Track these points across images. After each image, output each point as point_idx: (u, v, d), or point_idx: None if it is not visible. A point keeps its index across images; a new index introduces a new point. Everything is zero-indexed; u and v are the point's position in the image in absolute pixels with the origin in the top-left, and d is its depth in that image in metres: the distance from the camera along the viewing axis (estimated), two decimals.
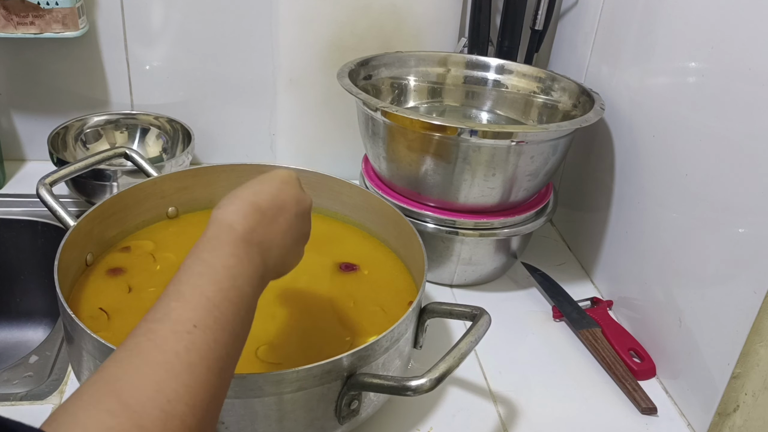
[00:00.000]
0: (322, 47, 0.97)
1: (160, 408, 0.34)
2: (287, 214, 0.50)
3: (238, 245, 0.45)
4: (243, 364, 0.61)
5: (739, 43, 0.62)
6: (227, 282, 0.42)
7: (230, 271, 0.43)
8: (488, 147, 0.74)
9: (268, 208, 0.48)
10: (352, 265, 0.76)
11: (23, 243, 0.91)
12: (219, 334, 0.39)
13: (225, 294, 0.41)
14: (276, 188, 0.50)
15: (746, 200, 0.61)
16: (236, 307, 0.41)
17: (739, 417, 0.63)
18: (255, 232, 0.46)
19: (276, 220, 0.48)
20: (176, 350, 0.37)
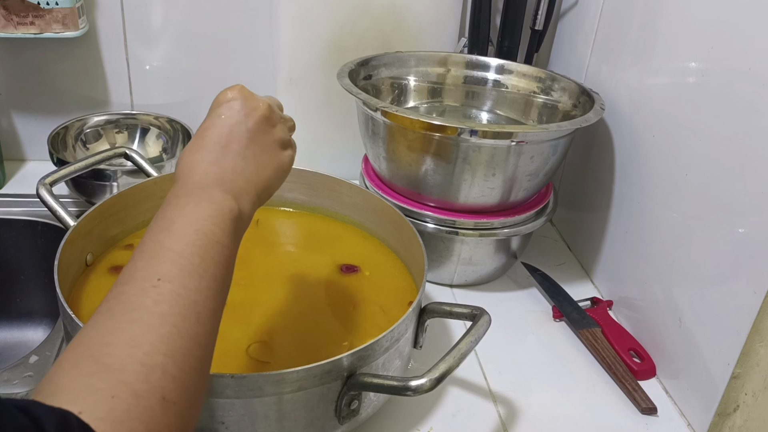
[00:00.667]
0: (322, 47, 0.97)
1: (140, 362, 0.34)
2: (238, 135, 0.48)
3: (193, 192, 0.45)
4: (231, 360, 0.62)
5: (739, 43, 0.62)
6: (187, 228, 0.42)
7: (188, 217, 0.43)
8: (488, 147, 0.74)
9: (215, 142, 0.47)
10: (353, 267, 0.76)
11: (23, 243, 0.91)
12: (188, 280, 0.39)
13: (186, 240, 0.41)
14: (218, 117, 0.49)
15: (746, 200, 0.61)
16: (203, 250, 0.41)
17: (739, 417, 0.63)
18: (209, 174, 0.46)
19: (229, 149, 0.47)
20: (145, 305, 0.37)
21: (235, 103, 0.49)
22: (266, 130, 0.50)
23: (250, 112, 0.49)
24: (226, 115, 0.49)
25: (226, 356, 0.62)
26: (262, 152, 0.49)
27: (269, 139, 0.50)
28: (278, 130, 0.52)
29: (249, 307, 0.69)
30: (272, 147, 0.51)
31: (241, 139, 0.48)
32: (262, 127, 0.50)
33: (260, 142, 0.49)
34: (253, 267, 0.76)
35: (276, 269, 0.77)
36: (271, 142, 0.51)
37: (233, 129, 0.48)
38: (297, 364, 0.53)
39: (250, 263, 0.77)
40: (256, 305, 0.70)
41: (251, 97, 0.51)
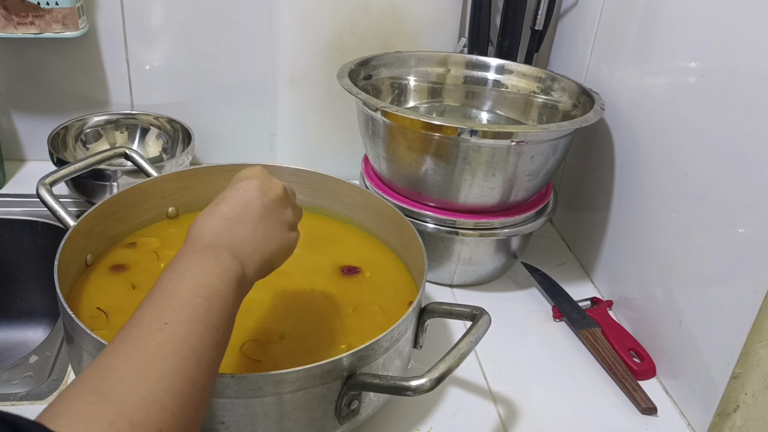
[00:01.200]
0: (322, 47, 0.97)
1: (140, 395, 0.36)
2: (253, 209, 0.52)
3: (204, 252, 0.47)
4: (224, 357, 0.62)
5: (739, 43, 0.62)
6: (197, 281, 0.44)
7: (198, 271, 0.45)
8: (488, 147, 0.74)
9: (231, 211, 0.51)
10: (354, 268, 0.76)
11: (23, 243, 0.91)
12: (192, 327, 0.41)
13: (195, 291, 0.43)
14: (237, 190, 0.53)
15: (746, 200, 0.61)
16: (208, 302, 0.43)
17: (739, 417, 0.63)
18: (221, 238, 0.49)
19: (243, 220, 0.51)
20: (149, 346, 0.39)
21: (255, 181, 0.53)
22: (279, 209, 0.54)
23: (267, 191, 0.53)
24: (244, 189, 0.52)
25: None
26: (272, 228, 0.53)
27: (280, 218, 0.54)
28: (289, 212, 0.55)
29: (248, 306, 0.69)
30: (282, 226, 0.54)
31: (255, 212, 0.52)
32: (276, 206, 0.54)
33: (271, 219, 0.53)
34: None
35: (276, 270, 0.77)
36: (282, 221, 0.54)
37: (249, 202, 0.52)
38: (291, 364, 0.53)
39: None
40: (255, 305, 0.70)
41: (269, 179, 0.55)
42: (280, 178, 0.82)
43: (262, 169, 0.55)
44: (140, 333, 0.40)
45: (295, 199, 0.58)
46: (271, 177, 0.55)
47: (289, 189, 0.57)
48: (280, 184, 0.55)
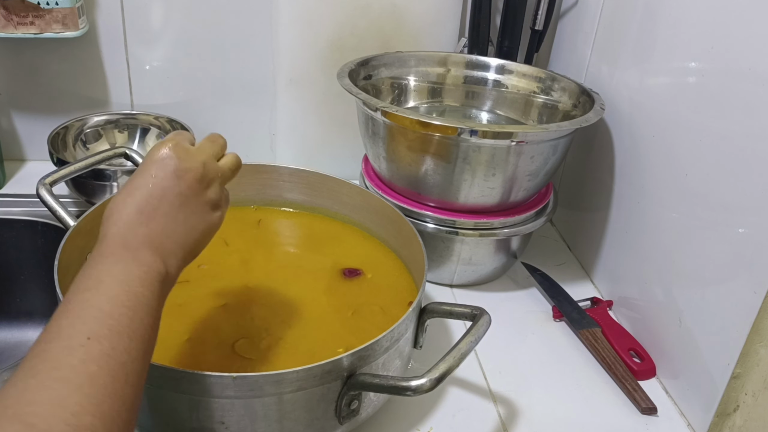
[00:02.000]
0: (322, 47, 0.97)
1: (65, 422, 0.33)
2: (171, 197, 0.48)
3: (121, 253, 0.44)
4: (217, 354, 0.62)
5: (739, 43, 0.62)
6: (117, 289, 0.42)
7: (117, 277, 0.42)
8: (488, 147, 0.74)
9: (146, 203, 0.47)
10: (355, 270, 0.76)
11: (23, 243, 0.91)
12: (117, 340, 0.39)
13: (116, 300, 0.41)
14: (150, 176, 0.48)
15: (746, 200, 0.61)
16: (132, 311, 0.41)
17: (739, 417, 0.63)
18: (136, 235, 0.45)
19: (159, 211, 0.47)
20: (72, 364, 0.36)
21: (170, 162, 0.48)
22: (199, 192, 0.50)
23: (183, 174, 0.49)
24: (158, 175, 0.48)
25: (214, 349, 0.63)
26: (193, 214, 0.49)
27: (201, 200, 0.50)
28: (211, 191, 0.51)
29: (247, 306, 0.70)
30: (203, 209, 0.50)
31: (173, 201, 0.48)
32: (195, 189, 0.49)
33: (191, 204, 0.49)
34: (253, 267, 0.76)
35: (276, 270, 0.77)
36: (203, 203, 0.50)
37: (165, 191, 0.48)
38: (284, 364, 0.53)
39: (251, 263, 0.77)
40: (255, 304, 0.70)
41: (186, 157, 0.49)
42: (280, 178, 0.84)
43: (176, 145, 0.49)
44: (61, 349, 0.37)
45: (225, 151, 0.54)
46: (187, 153, 0.50)
47: (211, 155, 0.52)
48: (197, 161, 0.50)
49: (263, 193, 0.85)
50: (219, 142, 0.55)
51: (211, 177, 0.51)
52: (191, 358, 0.62)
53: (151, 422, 0.56)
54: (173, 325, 0.65)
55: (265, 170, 0.84)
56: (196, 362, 0.61)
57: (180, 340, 0.63)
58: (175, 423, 0.55)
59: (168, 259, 0.46)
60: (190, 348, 0.63)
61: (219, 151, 0.54)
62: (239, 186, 0.84)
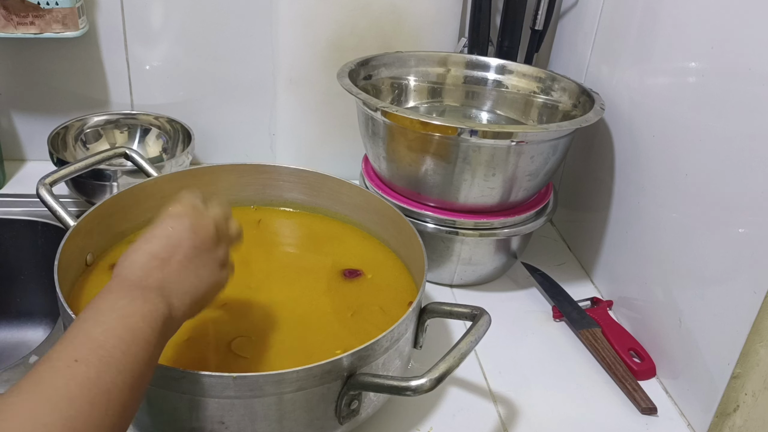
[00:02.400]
0: (322, 47, 0.97)
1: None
2: (185, 249, 0.50)
3: (131, 290, 0.45)
4: (211, 351, 0.62)
5: (739, 43, 0.62)
6: (115, 322, 0.42)
7: (119, 312, 0.43)
8: (488, 147, 0.74)
9: (162, 251, 0.49)
10: (356, 271, 0.76)
11: (23, 243, 0.91)
12: (104, 370, 0.39)
13: (112, 332, 0.41)
14: (167, 228, 0.51)
15: (746, 200, 0.61)
16: (126, 345, 0.41)
17: (739, 417, 0.63)
18: (150, 278, 0.47)
19: (174, 260, 0.49)
20: (55, 385, 0.37)
21: (186, 220, 0.52)
22: (210, 249, 0.53)
23: (198, 230, 0.52)
24: (175, 228, 0.51)
25: (214, 349, 0.63)
26: (204, 268, 0.51)
27: (212, 256, 0.53)
28: (221, 251, 0.54)
29: (246, 305, 0.70)
30: (213, 264, 0.53)
31: (187, 253, 0.50)
32: (208, 245, 0.52)
33: (203, 258, 0.52)
34: (253, 267, 0.76)
35: (276, 270, 0.77)
36: (213, 259, 0.53)
37: (181, 242, 0.50)
38: (279, 364, 0.53)
39: (251, 263, 0.77)
40: (254, 304, 0.70)
41: (201, 216, 0.53)
42: (280, 178, 0.84)
43: (194, 206, 0.53)
44: (47, 369, 0.38)
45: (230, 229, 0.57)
46: (203, 213, 0.54)
47: (223, 218, 0.56)
48: (211, 221, 0.54)
49: (263, 193, 0.85)
50: (226, 207, 0.58)
51: (221, 237, 0.54)
52: (191, 357, 0.62)
53: (151, 422, 0.56)
54: None
55: (265, 170, 0.84)
56: (195, 362, 0.61)
57: (180, 340, 0.63)
58: (175, 423, 0.55)
59: (174, 304, 0.47)
60: (189, 348, 0.63)
61: (227, 214, 0.58)
62: (239, 186, 0.84)
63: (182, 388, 0.52)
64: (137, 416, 0.55)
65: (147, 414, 0.55)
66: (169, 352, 0.62)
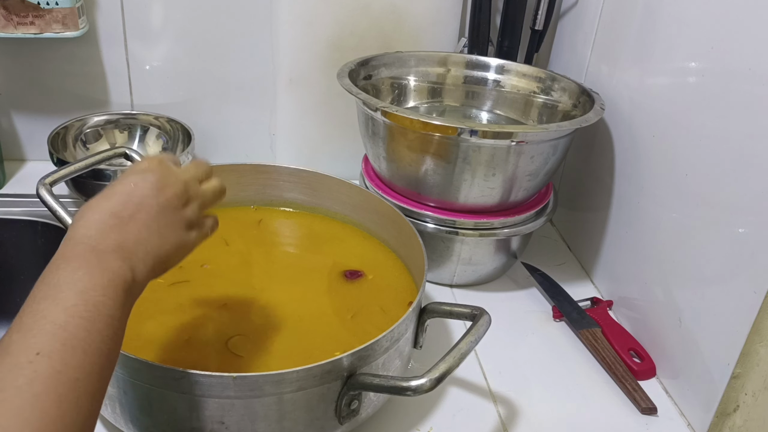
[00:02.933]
0: (322, 47, 0.97)
1: None
2: (147, 207, 0.47)
3: (87, 257, 0.42)
4: (209, 349, 0.62)
5: (739, 43, 0.62)
6: (75, 298, 0.39)
7: (77, 285, 0.40)
8: (488, 147, 0.74)
9: (123, 208, 0.46)
10: (357, 272, 0.76)
11: (23, 243, 0.91)
12: (69, 356, 0.36)
13: (72, 311, 0.38)
14: (131, 184, 0.47)
15: (746, 200, 0.61)
16: (89, 323, 0.38)
17: (739, 417, 0.63)
18: (108, 238, 0.44)
19: (135, 218, 0.46)
20: (17, 385, 0.34)
21: (150, 176, 0.48)
22: (177, 206, 0.49)
23: (163, 187, 0.48)
24: (138, 185, 0.48)
25: (214, 349, 0.63)
26: (167, 227, 0.48)
27: (177, 216, 0.49)
28: (188, 210, 0.51)
29: (247, 305, 0.70)
30: (179, 224, 0.50)
31: (150, 211, 0.47)
32: (173, 203, 0.49)
33: (167, 217, 0.48)
34: (253, 267, 0.77)
35: (276, 270, 0.77)
36: (179, 220, 0.50)
37: (143, 200, 0.47)
38: (278, 364, 0.53)
39: (251, 263, 0.77)
40: (254, 304, 0.70)
41: (168, 173, 0.50)
42: (280, 178, 0.84)
43: (161, 161, 0.50)
44: (8, 368, 0.35)
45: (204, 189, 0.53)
46: (172, 171, 0.50)
47: (193, 178, 0.52)
48: (180, 179, 0.50)
49: (263, 193, 0.85)
50: (203, 167, 0.55)
51: (190, 195, 0.51)
52: (189, 357, 0.62)
53: (151, 422, 0.56)
54: (173, 325, 0.65)
55: (265, 170, 0.84)
56: (193, 361, 0.61)
57: (180, 340, 0.64)
58: (175, 423, 0.55)
59: (137, 266, 0.44)
60: (189, 348, 0.63)
61: (202, 175, 0.54)
62: (239, 186, 0.84)
63: (182, 388, 0.52)
64: (137, 416, 0.55)
65: (147, 414, 0.55)
66: (170, 353, 0.62)
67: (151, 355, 0.61)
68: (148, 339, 0.63)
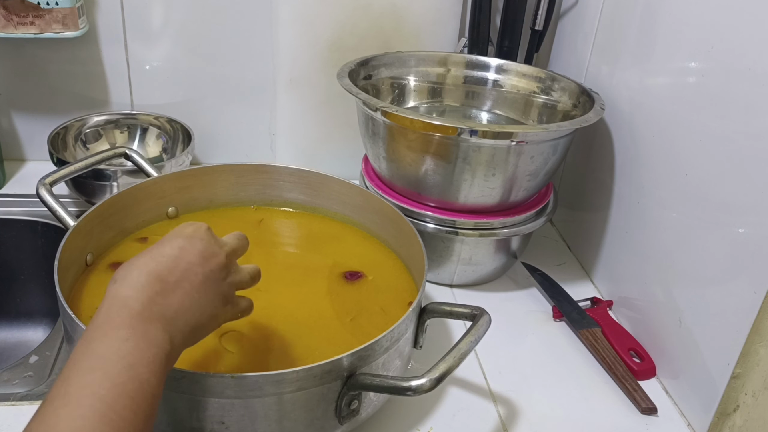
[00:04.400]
0: (322, 47, 0.97)
1: None
2: (192, 275, 0.46)
3: (134, 325, 0.41)
4: (200, 344, 0.62)
5: (739, 43, 0.62)
6: (123, 375, 0.38)
7: (126, 360, 0.39)
8: (488, 147, 0.74)
9: (169, 273, 0.44)
10: (357, 273, 0.76)
11: (23, 243, 0.91)
12: None
13: (121, 389, 0.37)
14: (178, 248, 0.46)
15: (746, 200, 0.61)
16: (135, 403, 0.38)
17: (739, 417, 0.63)
18: (154, 305, 0.43)
19: (180, 286, 0.45)
20: None
21: (198, 243, 0.48)
22: (219, 279, 0.49)
23: (209, 258, 0.48)
24: (186, 250, 0.47)
25: (205, 345, 0.62)
26: (207, 298, 0.47)
27: (218, 289, 0.49)
28: (227, 285, 0.50)
29: None
30: (218, 299, 0.49)
31: (194, 280, 0.46)
32: (216, 275, 0.48)
33: (209, 289, 0.47)
34: None
35: (276, 270, 0.77)
36: (219, 292, 0.49)
37: (189, 267, 0.46)
38: (273, 364, 0.52)
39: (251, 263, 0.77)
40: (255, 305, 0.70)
41: (213, 243, 0.49)
42: (280, 178, 0.84)
43: (207, 231, 0.49)
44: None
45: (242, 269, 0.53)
46: (217, 241, 0.50)
47: (235, 251, 0.52)
48: (223, 251, 0.49)
49: (263, 193, 0.85)
50: (243, 242, 0.53)
51: (231, 270, 0.50)
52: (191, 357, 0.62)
53: None
54: None
55: (265, 170, 0.84)
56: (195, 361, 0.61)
57: None
58: (175, 423, 0.55)
59: (175, 337, 0.44)
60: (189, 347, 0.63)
61: (242, 251, 0.53)
62: (239, 186, 0.84)
63: (182, 388, 0.52)
64: None
65: None
66: None
67: None
68: None
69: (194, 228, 0.49)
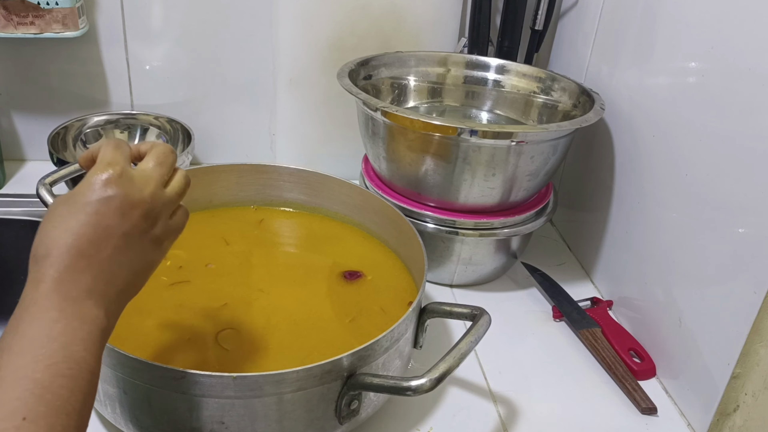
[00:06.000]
0: (322, 47, 0.97)
1: None
2: (114, 239, 0.43)
3: (64, 308, 0.39)
4: (200, 343, 0.63)
5: (739, 43, 0.62)
6: (56, 355, 0.37)
7: (57, 340, 0.38)
8: (488, 147, 0.74)
9: (90, 245, 0.41)
10: (356, 273, 0.76)
11: (23, 243, 0.90)
12: (54, 420, 0.35)
13: (55, 370, 0.36)
14: (94, 214, 0.42)
15: (746, 200, 0.61)
16: (73, 381, 0.37)
17: (739, 417, 0.63)
18: (80, 283, 0.41)
19: (102, 253, 0.42)
20: None
21: (114, 198, 0.43)
22: (145, 230, 0.45)
23: (129, 211, 0.44)
24: (102, 213, 0.42)
25: (206, 345, 0.63)
26: (136, 256, 0.45)
27: (146, 240, 0.45)
28: (157, 228, 0.46)
29: (246, 303, 0.70)
30: (148, 248, 0.46)
31: (117, 243, 0.43)
32: (141, 227, 0.45)
33: (136, 245, 0.44)
34: (254, 267, 0.76)
35: (276, 270, 0.77)
36: (147, 242, 0.46)
37: (109, 231, 0.43)
38: (273, 364, 0.52)
39: (251, 263, 0.77)
40: (253, 304, 0.70)
41: (131, 189, 0.44)
42: (280, 178, 0.84)
43: (119, 176, 0.44)
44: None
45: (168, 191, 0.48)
46: (132, 183, 0.44)
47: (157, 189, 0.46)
48: (145, 195, 0.45)
49: (263, 193, 0.85)
50: (168, 162, 0.48)
51: (158, 211, 0.46)
52: (191, 357, 0.62)
53: (151, 422, 0.56)
54: (173, 325, 0.65)
55: (265, 170, 0.84)
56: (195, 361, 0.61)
57: (180, 340, 0.64)
58: (175, 423, 0.55)
59: (110, 308, 0.42)
60: (190, 347, 0.63)
61: (167, 174, 0.48)
62: (239, 186, 0.84)
63: (182, 388, 0.52)
64: (137, 416, 0.55)
65: (147, 414, 0.55)
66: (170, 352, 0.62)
67: (151, 355, 0.61)
68: (148, 338, 0.63)
69: (107, 177, 0.43)
